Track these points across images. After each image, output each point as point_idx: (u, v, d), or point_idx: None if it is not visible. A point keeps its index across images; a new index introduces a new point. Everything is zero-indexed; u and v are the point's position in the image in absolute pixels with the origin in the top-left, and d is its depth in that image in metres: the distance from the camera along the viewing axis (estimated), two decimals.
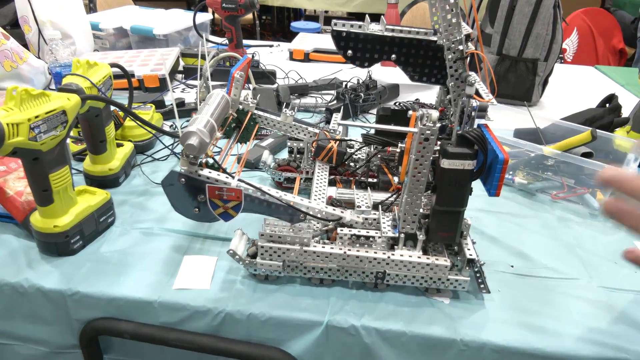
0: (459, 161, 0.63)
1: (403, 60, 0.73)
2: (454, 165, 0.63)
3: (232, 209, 0.71)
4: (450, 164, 0.63)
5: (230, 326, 0.71)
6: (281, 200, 0.70)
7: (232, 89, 0.82)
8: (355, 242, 0.72)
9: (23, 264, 0.77)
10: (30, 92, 0.67)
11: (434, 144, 0.63)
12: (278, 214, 0.71)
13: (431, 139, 0.62)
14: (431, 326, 0.69)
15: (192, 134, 0.65)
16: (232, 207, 0.71)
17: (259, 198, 0.70)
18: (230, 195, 0.69)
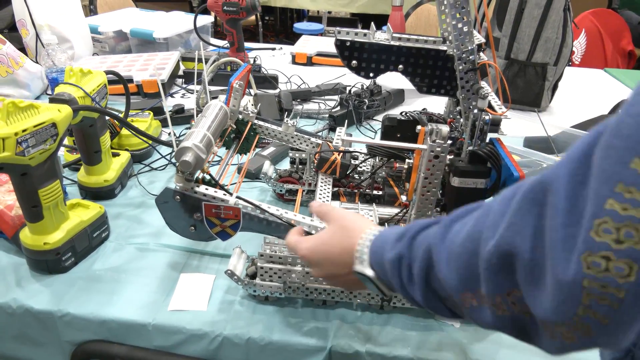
0: (470, 179, 0.59)
1: (411, 70, 0.69)
2: (465, 184, 0.59)
3: (230, 227, 0.67)
4: (462, 182, 0.59)
5: (228, 350, 0.67)
6: (282, 219, 0.66)
7: (230, 99, 0.78)
8: None
9: (12, 283, 0.73)
10: (18, 104, 0.63)
11: (444, 161, 0.59)
12: (279, 232, 0.67)
13: (441, 156, 0.58)
14: (440, 352, 0.65)
15: (187, 149, 0.61)
16: (230, 226, 0.67)
17: (258, 216, 0.66)
18: (228, 213, 0.65)
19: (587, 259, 0.26)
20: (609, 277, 0.26)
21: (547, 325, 0.30)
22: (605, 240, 0.25)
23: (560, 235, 0.28)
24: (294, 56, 1.77)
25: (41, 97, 1.40)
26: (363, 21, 4.18)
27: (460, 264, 0.36)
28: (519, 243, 0.30)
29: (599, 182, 0.26)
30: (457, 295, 0.37)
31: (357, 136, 1.22)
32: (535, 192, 0.30)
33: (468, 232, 0.36)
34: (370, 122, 1.30)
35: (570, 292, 0.27)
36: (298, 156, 0.91)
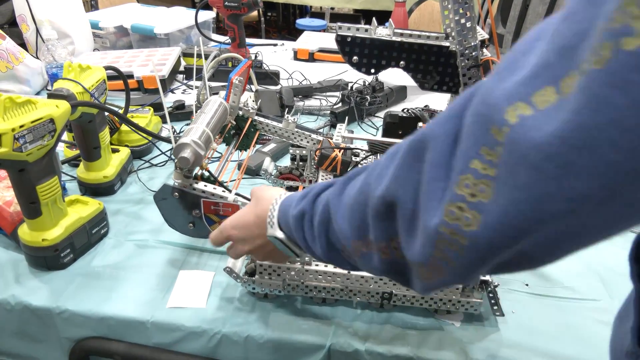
0: None
1: (412, 67, 0.69)
2: None
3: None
4: None
5: (226, 348, 0.67)
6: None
7: (230, 95, 0.77)
8: None
9: (10, 279, 0.73)
10: (15, 99, 0.63)
11: None
12: None
13: None
14: (440, 351, 0.65)
15: (185, 146, 0.60)
16: None
17: None
18: (227, 210, 0.65)
19: (447, 208, 0.30)
20: (457, 225, 0.29)
21: (414, 266, 0.35)
22: (463, 194, 0.29)
23: (432, 188, 0.31)
24: (295, 52, 1.76)
25: (41, 92, 1.39)
26: (366, 17, 4.16)
27: (352, 215, 0.40)
28: (401, 194, 0.34)
29: (468, 143, 0.29)
30: (350, 244, 0.41)
31: (358, 133, 1.21)
32: (417, 148, 0.33)
33: (359, 186, 0.40)
34: (371, 119, 1.30)
35: (430, 237, 0.31)
36: (299, 153, 0.91)
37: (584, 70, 0.23)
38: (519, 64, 0.28)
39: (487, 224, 0.28)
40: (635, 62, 0.21)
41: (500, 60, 0.31)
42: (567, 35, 0.25)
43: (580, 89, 0.23)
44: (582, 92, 0.23)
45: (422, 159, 0.32)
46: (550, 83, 0.25)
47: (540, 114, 0.25)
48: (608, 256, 0.84)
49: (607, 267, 0.81)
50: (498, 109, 0.27)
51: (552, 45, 0.26)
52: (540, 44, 0.27)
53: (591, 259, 0.83)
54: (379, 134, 1.21)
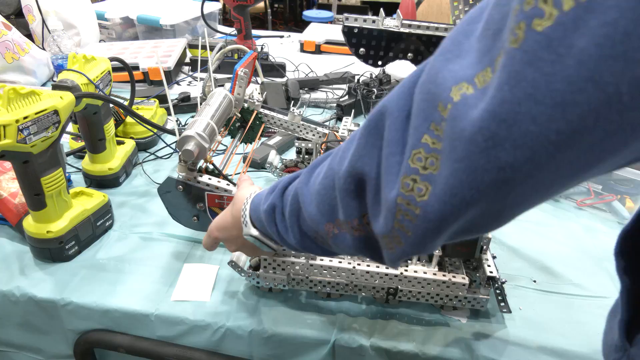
0: None
1: (421, 59, 0.67)
2: None
3: None
4: None
5: (231, 342, 0.67)
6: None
7: (235, 87, 0.76)
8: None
9: (15, 271, 0.73)
10: (19, 90, 0.62)
11: None
12: None
13: None
14: (446, 348, 0.64)
15: (189, 138, 0.60)
16: None
17: None
18: None
19: (403, 181, 0.31)
20: (412, 196, 0.31)
21: (379, 238, 0.36)
22: (416, 166, 0.30)
23: (390, 162, 0.33)
24: (302, 44, 1.75)
25: (47, 83, 1.39)
26: (373, 9, 4.12)
27: (320, 199, 0.41)
28: (367, 169, 0.35)
29: (419, 119, 0.30)
30: (322, 228, 0.42)
31: None
32: (375, 126, 0.35)
33: (325, 171, 0.41)
34: None
35: (390, 208, 0.33)
36: (304, 146, 0.90)
37: (505, 49, 0.25)
38: (463, 47, 0.29)
39: (436, 195, 0.29)
40: (545, 41, 0.23)
41: (444, 40, 0.31)
42: (496, 19, 0.27)
43: (501, 66, 0.25)
44: (503, 70, 0.25)
45: (381, 135, 0.34)
46: (489, 64, 0.27)
47: (478, 92, 0.27)
48: None
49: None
50: (445, 88, 0.28)
51: (486, 30, 0.28)
52: (478, 26, 0.29)
53: (600, 255, 0.82)
54: None
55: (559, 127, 0.24)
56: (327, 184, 0.40)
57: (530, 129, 0.24)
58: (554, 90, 0.23)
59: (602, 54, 0.21)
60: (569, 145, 0.24)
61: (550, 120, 0.24)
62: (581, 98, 0.22)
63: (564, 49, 0.22)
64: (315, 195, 0.42)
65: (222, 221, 0.59)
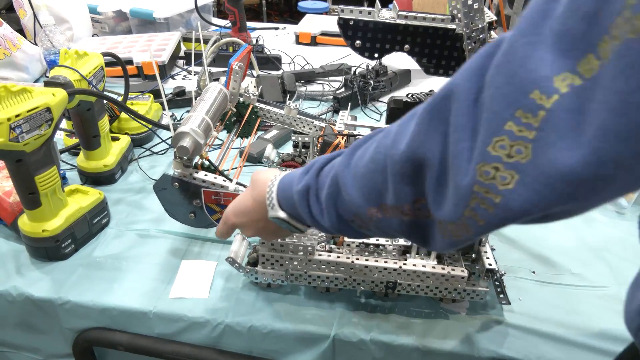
0: None
1: (417, 51, 0.66)
2: None
3: None
4: None
5: (230, 338, 0.67)
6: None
7: (230, 81, 0.75)
8: (364, 250, 0.67)
9: (12, 270, 0.72)
10: (10, 88, 0.61)
11: None
12: None
13: None
14: (446, 340, 0.64)
15: (184, 135, 0.59)
16: None
17: None
18: (228, 200, 0.64)
19: (481, 169, 0.30)
20: (492, 184, 0.30)
21: (442, 224, 0.35)
22: (499, 154, 0.29)
23: (460, 148, 0.31)
24: (297, 36, 1.73)
25: (40, 79, 1.37)
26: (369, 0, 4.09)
27: (364, 183, 0.40)
28: (429, 154, 0.34)
29: (500, 104, 0.29)
30: (364, 212, 0.41)
31: (362, 118, 1.19)
32: (439, 109, 0.34)
33: (370, 154, 0.39)
34: (375, 104, 1.27)
35: (463, 195, 0.31)
36: (301, 140, 0.89)
37: (617, 36, 0.24)
38: (543, 29, 0.28)
39: (525, 183, 0.29)
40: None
41: (520, 19, 0.30)
42: (587, 0, 0.26)
43: (617, 55, 0.24)
44: (619, 59, 0.24)
45: (446, 120, 0.33)
46: (589, 50, 0.26)
47: (589, 83, 0.26)
48: (615, 242, 0.82)
49: (615, 254, 0.80)
50: (541, 76, 0.27)
51: (573, 11, 0.27)
52: (557, 6, 0.28)
53: (598, 245, 0.82)
54: (382, 120, 1.19)
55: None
56: (375, 168, 0.39)
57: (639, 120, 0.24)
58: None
59: None
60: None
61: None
62: None
63: None
64: (359, 179, 0.40)
65: (240, 205, 0.57)
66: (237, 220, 0.58)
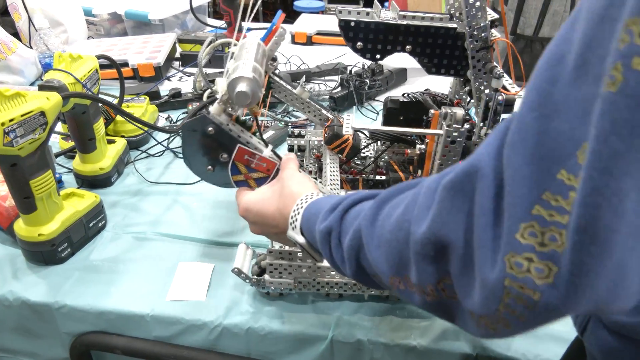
0: None
1: (419, 51, 0.66)
2: None
3: (255, 180, 0.61)
4: None
5: (227, 340, 0.66)
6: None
7: (271, 41, 0.67)
8: None
9: (8, 274, 0.72)
10: (4, 92, 0.61)
11: (461, 147, 0.56)
12: None
13: (458, 141, 0.55)
14: (445, 341, 0.64)
15: (243, 79, 0.52)
16: (255, 179, 0.61)
17: None
18: (261, 165, 0.60)
19: (511, 260, 0.27)
20: (528, 278, 0.26)
21: (473, 315, 0.31)
22: (531, 243, 0.26)
23: (487, 236, 0.28)
24: (293, 36, 1.73)
25: (36, 83, 1.37)
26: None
27: (389, 251, 0.36)
28: (453, 236, 0.31)
29: (524, 188, 0.26)
30: (386, 279, 0.38)
31: (358, 117, 1.19)
32: (463, 187, 0.30)
33: (397, 219, 0.36)
34: (371, 103, 1.27)
35: (493, 290, 0.28)
36: (297, 143, 0.89)
37: (600, 94, 0.23)
38: (554, 97, 0.26)
39: (563, 277, 0.25)
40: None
41: (526, 93, 0.28)
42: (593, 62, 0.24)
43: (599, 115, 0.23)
44: (602, 118, 0.23)
45: (470, 198, 0.30)
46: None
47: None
48: None
49: None
50: (563, 153, 0.25)
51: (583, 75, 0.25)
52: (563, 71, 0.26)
53: None
54: (379, 119, 1.19)
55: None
56: (400, 238, 0.35)
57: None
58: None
59: None
60: None
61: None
62: None
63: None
64: (383, 243, 0.37)
65: (261, 206, 0.54)
66: (250, 217, 0.56)
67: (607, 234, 0.24)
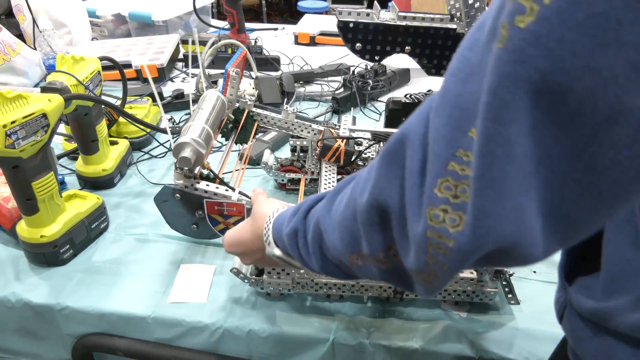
0: None
1: (419, 52, 0.65)
2: None
3: (234, 224, 0.65)
4: None
5: (229, 343, 0.66)
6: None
7: (227, 88, 0.75)
8: None
9: (10, 276, 0.72)
10: (5, 95, 0.61)
11: None
12: None
13: None
14: (446, 343, 0.64)
15: (186, 145, 0.58)
16: (234, 223, 0.65)
17: None
18: (232, 210, 0.63)
19: (430, 212, 0.29)
20: (443, 228, 0.29)
21: (413, 274, 0.34)
22: (446, 196, 0.28)
23: (414, 194, 0.31)
24: (296, 36, 1.72)
25: (40, 84, 1.38)
26: None
27: (342, 231, 0.39)
28: (390, 201, 0.33)
29: (441, 146, 0.29)
30: (345, 258, 0.40)
31: (361, 118, 1.19)
32: (395, 155, 0.33)
33: (346, 201, 0.39)
34: (374, 104, 1.27)
35: (420, 243, 0.30)
36: (299, 144, 0.89)
37: (491, 51, 0.25)
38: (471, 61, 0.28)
39: (469, 223, 0.28)
40: (531, 38, 0.23)
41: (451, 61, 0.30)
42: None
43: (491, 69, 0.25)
44: (493, 72, 0.25)
45: (402, 164, 0.32)
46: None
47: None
48: None
49: None
50: (475, 112, 0.27)
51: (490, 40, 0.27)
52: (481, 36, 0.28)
53: None
54: (381, 120, 1.19)
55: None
56: (349, 216, 0.38)
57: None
58: (552, 83, 0.23)
59: (596, 43, 0.22)
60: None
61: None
62: (579, 85, 0.23)
63: (554, 43, 0.23)
64: (337, 226, 0.40)
65: (238, 236, 0.57)
66: (233, 250, 0.58)
67: (502, 178, 0.26)
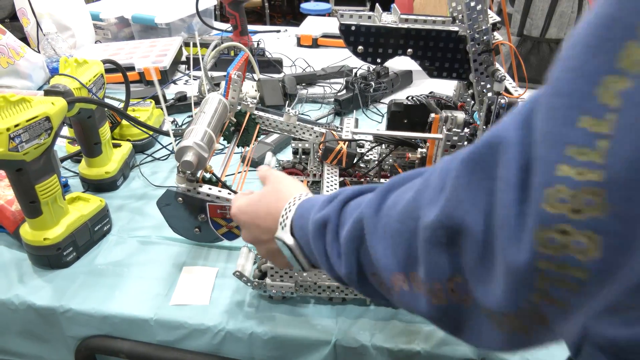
0: None
1: (420, 54, 0.65)
2: None
3: (237, 227, 0.65)
4: None
5: (231, 345, 0.66)
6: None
7: (229, 91, 0.75)
8: None
9: (14, 278, 0.73)
10: (9, 98, 0.62)
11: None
12: None
13: (458, 145, 0.55)
14: (449, 346, 0.63)
15: (188, 149, 0.58)
16: (236, 226, 0.65)
17: None
18: None
19: (541, 236, 0.22)
20: (568, 255, 0.21)
21: (494, 316, 0.26)
22: (562, 212, 0.21)
23: (511, 212, 0.23)
24: (299, 38, 1.73)
25: (44, 87, 1.38)
26: (371, 0, 4.08)
27: (397, 242, 0.31)
28: (470, 219, 0.26)
29: (545, 147, 0.22)
30: (388, 275, 0.33)
31: (363, 120, 1.19)
32: (484, 160, 0.26)
33: (406, 206, 0.31)
34: (377, 106, 1.27)
35: (523, 278, 0.23)
36: (301, 146, 0.89)
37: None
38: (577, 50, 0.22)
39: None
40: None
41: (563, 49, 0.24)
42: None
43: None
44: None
45: (491, 175, 0.25)
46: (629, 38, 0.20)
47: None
48: None
49: None
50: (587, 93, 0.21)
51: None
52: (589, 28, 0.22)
53: None
54: (383, 121, 1.19)
55: None
56: (410, 227, 0.30)
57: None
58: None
59: None
60: None
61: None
62: None
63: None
64: (390, 234, 0.32)
65: (252, 206, 0.50)
66: (240, 217, 0.52)
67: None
